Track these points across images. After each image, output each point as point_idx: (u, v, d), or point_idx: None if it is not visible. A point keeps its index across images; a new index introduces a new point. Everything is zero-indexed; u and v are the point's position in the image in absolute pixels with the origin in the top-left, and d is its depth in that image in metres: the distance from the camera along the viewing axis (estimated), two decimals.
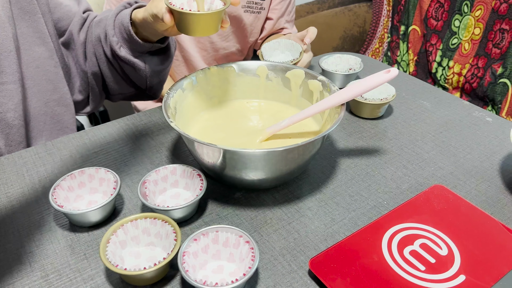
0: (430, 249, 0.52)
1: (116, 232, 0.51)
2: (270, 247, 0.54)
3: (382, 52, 1.95)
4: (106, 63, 0.78)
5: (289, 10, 1.16)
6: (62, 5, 0.78)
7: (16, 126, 0.73)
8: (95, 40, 0.77)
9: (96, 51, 0.78)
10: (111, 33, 0.73)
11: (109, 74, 0.80)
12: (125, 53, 0.74)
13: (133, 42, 0.72)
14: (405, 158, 0.70)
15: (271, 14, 1.13)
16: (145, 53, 0.75)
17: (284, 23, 1.15)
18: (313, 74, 0.70)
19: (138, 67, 0.76)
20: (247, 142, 0.66)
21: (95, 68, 0.80)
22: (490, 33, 1.52)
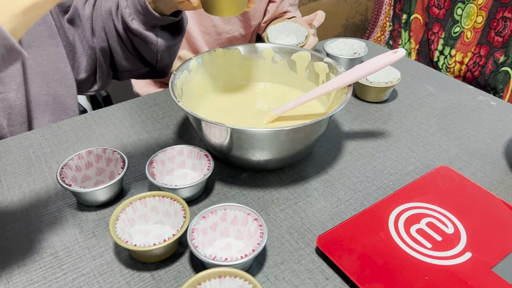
0: (437, 227, 0.53)
1: (125, 210, 0.51)
2: (277, 225, 0.55)
3: (384, 40, 1.95)
4: (116, 37, 0.78)
5: None
6: None
7: (18, 107, 0.72)
8: (106, 13, 0.77)
9: (106, 25, 0.77)
10: (124, 4, 0.72)
11: (118, 49, 0.79)
12: (137, 25, 0.73)
13: (146, 15, 0.71)
14: (410, 140, 0.70)
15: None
16: (157, 27, 0.75)
17: (287, 6, 1.15)
18: (319, 56, 0.70)
19: (150, 41, 0.75)
20: (254, 123, 0.66)
21: (104, 44, 0.80)
22: (493, 21, 1.51)
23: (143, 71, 0.85)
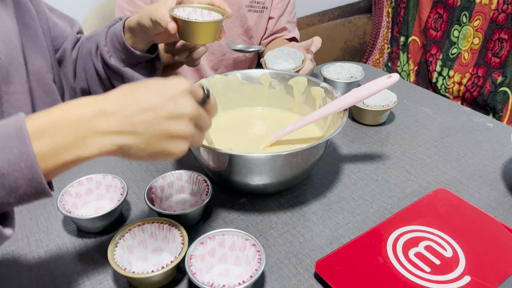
0: (435, 251, 0.52)
1: (124, 237, 0.51)
2: (276, 250, 0.55)
3: (383, 62, 1.97)
4: (95, 76, 0.81)
5: (289, 10, 1.19)
6: (58, 26, 0.82)
7: None
8: (86, 54, 0.80)
9: (86, 66, 0.81)
10: (103, 43, 0.76)
11: (97, 88, 0.83)
12: (115, 62, 0.76)
13: (124, 51, 0.74)
14: (408, 163, 0.71)
15: (272, 13, 1.16)
16: (134, 64, 0.78)
17: (285, 23, 1.18)
18: (315, 81, 0.71)
19: (126, 76, 0.78)
20: (252, 148, 0.67)
21: (84, 84, 0.83)
22: (489, 43, 1.53)
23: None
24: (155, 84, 0.42)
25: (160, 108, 0.40)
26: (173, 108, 0.41)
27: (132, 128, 0.39)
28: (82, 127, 0.38)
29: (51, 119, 0.38)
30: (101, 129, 0.38)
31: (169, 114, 0.41)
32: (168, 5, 0.66)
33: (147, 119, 0.40)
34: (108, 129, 0.39)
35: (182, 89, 0.42)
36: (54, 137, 0.37)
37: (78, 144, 0.38)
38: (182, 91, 0.42)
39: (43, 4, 0.80)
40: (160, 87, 0.41)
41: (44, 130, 0.37)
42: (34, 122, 0.37)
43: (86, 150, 0.38)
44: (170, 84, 0.42)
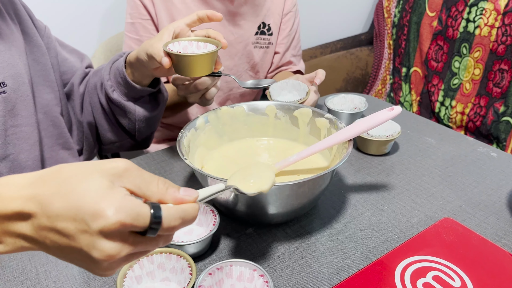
0: (443, 281, 0.52)
1: (132, 267, 0.52)
2: (283, 281, 0.55)
3: (385, 93, 2.00)
4: (100, 110, 0.83)
5: (294, 44, 1.22)
6: (68, 61, 0.85)
7: (30, 167, 0.75)
8: (92, 88, 0.83)
9: (92, 100, 0.83)
10: (106, 78, 0.79)
11: (103, 122, 0.84)
12: (117, 96, 0.78)
13: (126, 85, 0.76)
14: (413, 192, 0.71)
15: (278, 48, 1.19)
16: (137, 97, 0.80)
17: (290, 57, 1.21)
18: (320, 112, 0.72)
19: (129, 110, 0.80)
20: None
21: (90, 118, 0.85)
22: (490, 73, 1.56)
23: (126, 143, 0.89)
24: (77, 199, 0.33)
25: (71, 238, 0.33)
26: (85, 246, 0.33)
27: (43, 243, 0.35)
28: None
29: None
30: (15, 232, 0.35)
31: (80, 249, 0.34)
32: (164, 39, 0.67)
33: (56, 241, 0.34)
34: (22, 233, 0.35)
35: (102, 225, 0.32)
36: None
37: None
38: (102, 228, 0.32)
39: (54, 39, 0.83)
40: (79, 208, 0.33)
41: None
42: None
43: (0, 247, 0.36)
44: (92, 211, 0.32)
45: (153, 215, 0.34)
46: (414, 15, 1.79)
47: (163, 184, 0.37)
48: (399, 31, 1.88)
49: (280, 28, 1.17)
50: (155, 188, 0.37)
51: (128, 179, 0.35)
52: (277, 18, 1.15)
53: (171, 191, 0.37)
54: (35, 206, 0.34)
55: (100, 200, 0.33)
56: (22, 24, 0.75)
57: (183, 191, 0.38)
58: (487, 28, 1.54)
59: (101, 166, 0.35)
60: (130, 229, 0.34)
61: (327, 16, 1.93)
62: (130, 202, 0.33)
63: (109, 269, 0.35)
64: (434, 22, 1.72)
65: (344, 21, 2.02)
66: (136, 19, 1.04)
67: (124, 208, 0.33)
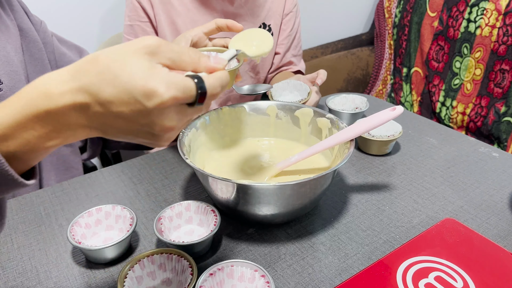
0: (445, 281, 0.52)
1: (133, 268, 0.51)
2: (285, 282, 0.54)
3: (386, 93, 2.00)
4: None
5: (295, 44, 1.22)
6: (66, 56, 0.84)
7: None
8: None
9: None
10: None
11: None
12: None
13: None
14: (415, 193, 0.71)
15: (278, 49, 1.18)
16: None
17: (290, 57, 1.21)
18: (321, 112, 0.72)
19: None
20: (259, 178, 0.68)
21: None
22: (491, 74, 1.56)
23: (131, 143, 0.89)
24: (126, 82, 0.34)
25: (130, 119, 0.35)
26: (145, 124, 0.36)
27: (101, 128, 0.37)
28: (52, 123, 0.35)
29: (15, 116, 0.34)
30: (72, 124, 0.36)
31: (141, 127, 0.36)
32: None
33: (115, 124, 0.36)
34: (79, 124, 0.36)
35: (158, 102, 0.34)
36: (23, 135, 0.35)
37: (50, 138, 0.36)
38: (158, 104, 0.34)
39: (50, 34, 0.82)
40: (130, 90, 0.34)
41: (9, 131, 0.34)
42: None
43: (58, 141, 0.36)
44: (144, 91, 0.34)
45: (198, 87, 0.36)
46: (415, 15, 1.79)
47: (194, 54, 0.39)
48: (400, 31, 1.88)
49: (281, 28, 1.17)
50: (188, 58, 0.38)
51: (162, 55, 0.36)
52: (278, 19, 1.15)
53: (204, 61, 0.39)
54: (85, 96, 0.34)
55: (149, 80, 0.34)
56: (18, 19, 0.74)
57: (213, 59, 0.40)
58: (488, 28, 1.53)
59: (134, 47, 0.35)
60: (180, 102, 0.36)
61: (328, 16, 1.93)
62: (176, 77, 0.35)
63: (168, 140, 0.38)
64: (435, 22, 1.72)
65: (345, 21, 2.02)
66: (135, 22, 1.04)
67: (173, 84, 0.34)
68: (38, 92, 0.34)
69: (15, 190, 0.37)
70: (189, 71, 0.38)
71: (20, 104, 0.34)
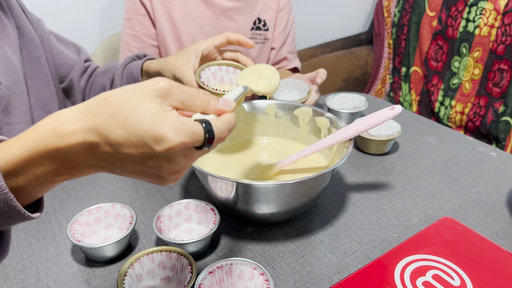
0: (443, 280, 0.52)
1: (132, 266, 0.52)
2: (283, 280, 0.55)
3: (385, 92, 2.00)
4: None
5: (290, 40, 1.23)
6: (63, 53, 0.83)
7: None
8: (99, 89, 0.82)
9: None
10: (118, 82, 0.78)
11: None
12: None
13: None
14: (413, 192, 0.71)
15: (274, 44, 1.20)
16: None
17: (286, 53, 1.22)
18: (320, 111, 0.72)
19: None
20: (258, 177, 0.68)
21: None
22: (490, 73, 1.56)
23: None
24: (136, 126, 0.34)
25: (138, 161, 0.36)
26: (153, 166, 0.36)
27: (109, 167, 0.38)
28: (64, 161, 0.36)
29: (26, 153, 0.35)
30: (83, 163, 0.37)
31: (149, 169, 0.37)
32: (191, 61, 0.64)
33: (123, 165, 0.37)
34: (90, 162, 0.37)
35: (166, 147, 0.35)
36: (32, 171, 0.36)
37: (58, 174, 0.37)
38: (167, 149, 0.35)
39: (48, 32, 0.81)
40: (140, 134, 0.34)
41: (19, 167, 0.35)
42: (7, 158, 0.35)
43: (66, 177, 0.38)
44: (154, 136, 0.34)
45: (206, 131, 0.37)
46: (414, 15, 1.79)
47: (204, 97, 0.39)
48: (399, 30, 1.88)
49: (276, 23, 1.19)
50: (198, 102, 0.39)
51: (172, 97, 0.37)
52: (273, 14, 1.17)
53: (213, 103, 0.40)
54: (95, 136, 0.35)
55: (158, 125, 0.34)
56: (16, 17, 0.74)
57: (222, 101, 0.41)
58: (487, 28, 1.54)
59: (145, 89, 0.36)
60: (188, 146, 0.36)
61: (327, 16, 1.93)
62: (186, 123, 0.36)
63: (174, 181, 0.39)
64: (434, 21, 1.73)
65: (344, 20, 2.02)
66: (133, 15, 1.05)
67: (182, 129, 0.35)
68: (50, 130, 0.35)
69: (20, 222, 0.38)
70: (198, 113, 0.39)
71: (31, 141, 0.35)
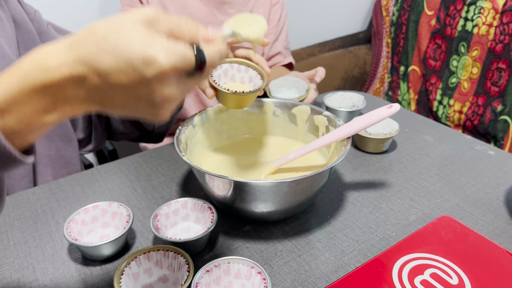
0: (441, 278, 0.52)
1: (129, 264, 0.51)
2: (281, 279, 0.55)
3: (383, 91, 2.00)
4: None
5: (283, 36, 1.24)
6: None
7: None
8: None
9: None
10: None
11: None
12: None
13: None
14: (411, 190, 0.71)
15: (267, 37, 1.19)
16: None
17: (280, 48, 1.22)
18: (318, 110, 0.72)
19: None
20: (256, 175, 0.68)
21: None
22: (488, 72, 1.56)
23: (138, 135, 0.88)
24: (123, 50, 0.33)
25: (129, 89, 0.34)
26: (144, 94, 0.35)
27: (99, 101, 0.36)
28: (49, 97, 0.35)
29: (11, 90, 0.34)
30: (69, 98, 0.35)
31: (140, 98, 0.35)
32: None
33: (113, 96, 0.35)
34: (76, 97, 0.35)
35: (157, 71, 0.33)
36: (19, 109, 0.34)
37: (47, 112, 0.35)
38: (158, 73, 0.33)
39: (45, 23, 0.80)
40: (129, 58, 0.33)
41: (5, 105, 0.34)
42: None
43: (56, 116, 0.36)
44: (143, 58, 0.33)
45: (198, 55, 0.36)
46: (413, 14, 1.79)
47: (192, 25, 0.38)
48: (397, 29, 1.88)
49: (269, 18, 1.20)
50: (186, 29, 0.37)
51: (160, 25, 0.36)
52: (266, 9, 1.18)
53: (202, 31, 0.39)
54: (83, 68, 0.33)
55: (147, 47, 0.33)
56: (11, 10, 0.73)
57: (211, 30, 0.40)
58: (485, 27, 1.54)
59: (132, 16, 0.35)
60: (180, 71, 0.35)
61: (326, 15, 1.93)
62: (176, 46, 0.34)
63: (168, 111, 0.37)
64: (432, 20, 1.73)
65: (342, 19, 2.02)
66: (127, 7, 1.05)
67: (172, 52, 0.34)
68: (35, 65, 0.34)
69: (13, 168, 0.36)
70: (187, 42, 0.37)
71: (16, 77, 0.34)
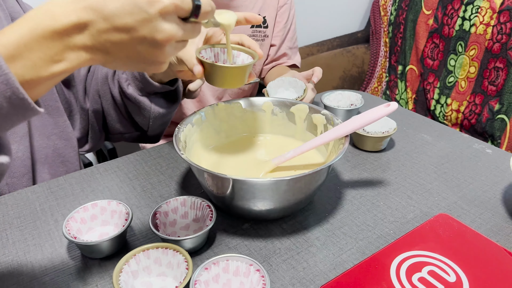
0: (439, 276, 0.53)
1: (128, 262, 0.52)
2: (279, 276, 0.55)
3: (381, 91, 2.00)
4: (111, 101, 0.81)
5: (290, 36, 1.22)
6: None
7: (20, 158, 0.74)
8: (102, 78, 0.80)
9: (101, 89, 0.81)
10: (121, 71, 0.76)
11: (112, 112, 0.82)
12: (133, 91, 0.76)
13: (143, 81, 0.75)
14: (409, 188, 0.72)
15: (274, 41, 1.19)
16: (152, 93, 0.78)
17: (286, 49, 1.21)
18: (316, 108, 0.73)
19: (143, 107, 0.78)
20: (254, 173, 0.68)
21: (97, 106, 0.82)
22: (485, 71, 1.57)
23: (135, 135, 0.88)
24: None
25: (133, 30, 0.38)
26: (148, 33, 0.38)
27: (104, 48, 0.39)
28: (57, 44, 0.38)
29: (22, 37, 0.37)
30: (76, 45, 0.38)
31: (144, 38, 0.39)
32: (195, 42, 0.63)
33: (118, 40, 0.38)
34: (83, 45, 0.38)
35: (160, 7, 0.38)
36: (29, 56, 0.37)
37: (55, 60, 0.38)
38: (160, 10, 0.38)
39: None
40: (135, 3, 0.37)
41: (16, 52, 0.37)
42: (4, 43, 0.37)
43: (63, 65, 0.39)
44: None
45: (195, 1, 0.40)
46: (410, 13, 1.80)
47: None
48: (395, 29, 1.89)
49: (276, 20, 1.18)
50: None
51: None
52: (273, 11, 1.16)
53: None
54: (89, 14, 0.37)
55: None
56: (9, 8, 0.73)
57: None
58: (483, 26, 1.54)
59: None
60: (179, 11, 0.39)
61: (324, 14, 1.93)
62: None
63: (168, 54, 0.41)
64: (430, 20, 1.73)
65: (340, 19, 2.02)
66: None
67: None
68: (44, 14, 0.37)
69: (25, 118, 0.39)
70: None
71: (27, 25, 0.37)
